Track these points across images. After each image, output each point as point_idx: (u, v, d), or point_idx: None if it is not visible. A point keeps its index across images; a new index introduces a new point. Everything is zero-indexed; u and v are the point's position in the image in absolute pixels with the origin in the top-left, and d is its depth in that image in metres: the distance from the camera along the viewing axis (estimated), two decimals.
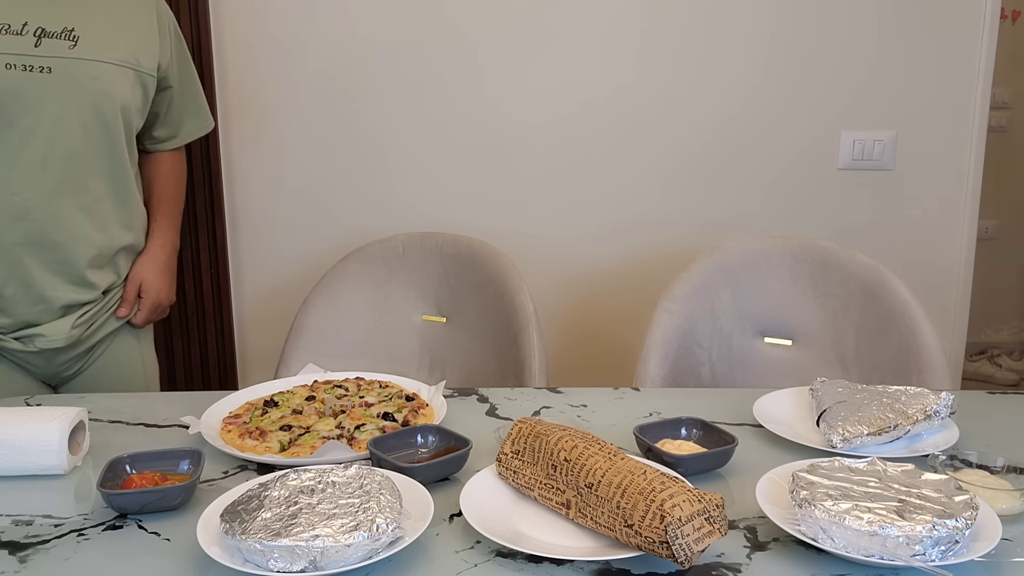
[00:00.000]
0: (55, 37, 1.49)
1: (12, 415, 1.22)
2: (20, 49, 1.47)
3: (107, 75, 1.53)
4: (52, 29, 1.49)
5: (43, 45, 1.48)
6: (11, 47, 1.46)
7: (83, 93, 1.51)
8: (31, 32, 1.48)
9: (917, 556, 0.94)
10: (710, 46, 2.35)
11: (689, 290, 1.84)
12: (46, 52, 1.48)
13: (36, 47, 1.47)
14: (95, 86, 1.52)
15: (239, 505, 0.99)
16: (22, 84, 1.47)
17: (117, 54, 1.54)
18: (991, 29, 2.30)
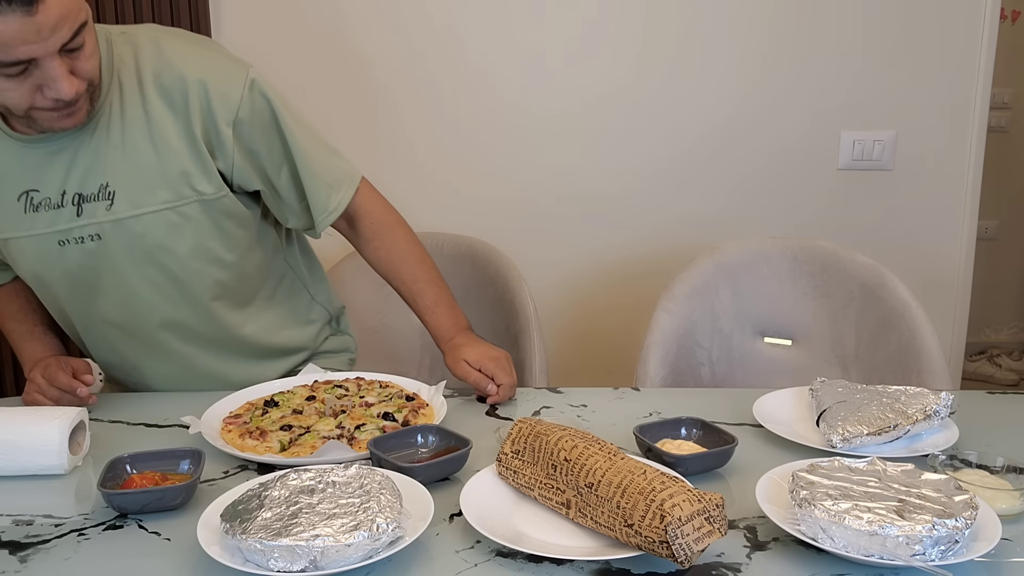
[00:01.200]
0: (93, 200, 1.34)
1: (12, 415, 1.22)
2: (65, 223, 1.35)
3: (154, 225, 1.36)
4: (89, 191, 1.34)
5: (84, 212, 1.34)
6: (56, 222, 1.35)
7: (136, 252, 1.37)
8: (70, 201, 1.34)
9: (917, 556, 0.94)
10: (710, 46, 2.35)
11: (689, 290, 1.84)
12: (88, 219, 1.35)
13: (79, 216, 1.35)
14: (144, 243, 1.37)
15: (239, 505, 0.99)
16: (83, 257, 1.37)
17: (161, 197, 1.35)
18: (991, 29, 2.30)
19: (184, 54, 1.37)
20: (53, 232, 1.36)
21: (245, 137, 1.39)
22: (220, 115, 1.36)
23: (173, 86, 1.34)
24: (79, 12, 1.18)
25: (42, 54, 1.16)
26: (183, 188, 1.36)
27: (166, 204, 1.36)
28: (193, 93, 1.34)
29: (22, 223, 1.36)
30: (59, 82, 1.19)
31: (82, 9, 1.19)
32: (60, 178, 1.34)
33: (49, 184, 1.34)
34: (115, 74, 1.34)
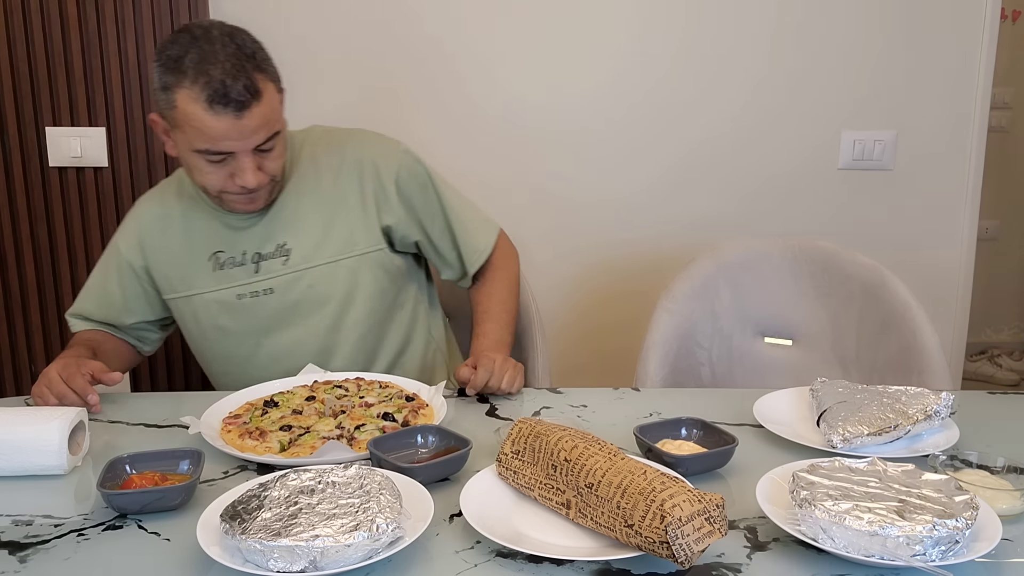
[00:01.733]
0: (270, 257, 1.58)
1: (12, 415, 1.22)
2: (245, 279, 1.58)
3: (322, 278, 1.59)
4: (267, 251, 1.58)
5: (261, 269, 1.58)
6: (238, 279, 1.58)
7: (306, 302, 1.59)
8: (251, 260, 1.58)
9: (917, 556, 0.94)
10: (710, 47, 2.35)
11: (689, 290, 1.84)
12: (265, 275, 1.58)
13: (257, 273, 1.58)
14: (312, 293, 1.58)
15: (239, 505, 0.99)
16: (256, 309, 1.59)
17: (329, 251, 1.59)
18: (991, 29, 2.30)
19: (350, 135, 1.67)
20: (234, 287, 1.58)
21: (405, 193, 1.63)
22: (385, 177, 1.61)
23: (344, 159, 1.62)
24: (275, 123, 1.46)
25: (239, 149, 1.43)
26: (345, 246, 1.59)
27: (331, 258, 1.59)
28: (363, 163, 1.61)
29: (209, 281, 1.59)
30: (247, 174, 1.45)
31: (278, 121, 1.47)
32: (242, 240, 1.58)
33: (232, 246, 1.59)
34: (292, 160, 1.61)
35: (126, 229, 1.66)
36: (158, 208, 1.65)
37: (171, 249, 1.62)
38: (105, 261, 1.67)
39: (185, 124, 1.41)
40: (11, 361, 2.50)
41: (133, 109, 2.34)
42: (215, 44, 1.39)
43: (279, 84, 1.48)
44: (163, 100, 1.42)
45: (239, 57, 1.39)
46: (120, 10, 2.29)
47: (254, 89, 1.39)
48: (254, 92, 1.39)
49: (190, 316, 1.63)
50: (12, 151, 2.37)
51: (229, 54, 1.39)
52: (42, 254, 2.43)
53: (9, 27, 2.29)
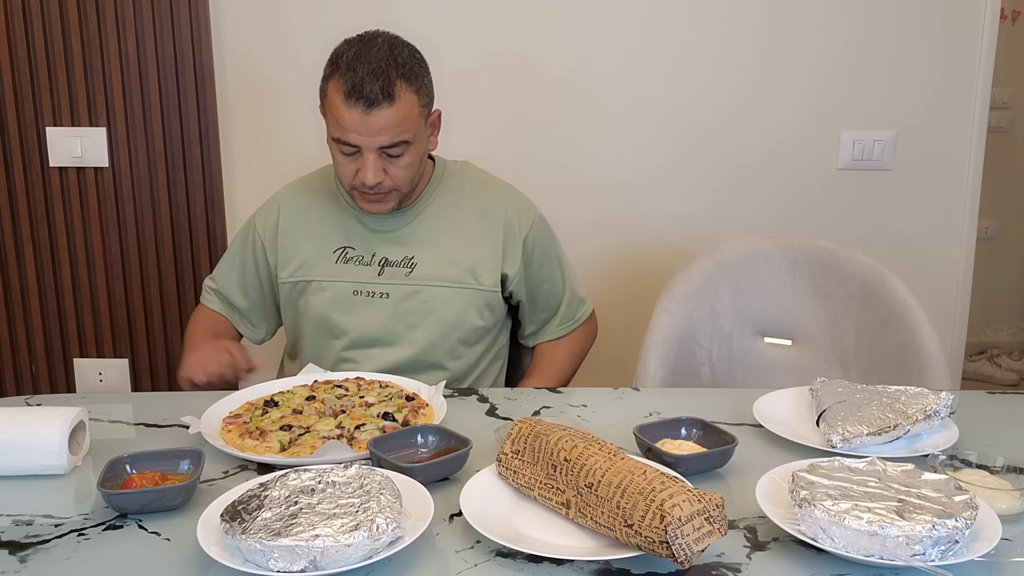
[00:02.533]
0: (395, 265, 1.68)
1: (12, 415, 1.22)
2: (367, 278, 1.68)
3: (436, 295, 1.67)
4: (394, 259, 1.68)
5: (385, 273, 1.67)
6: (360, 276, 1.68)
7: (415, 314, 1.67)
8: (377, 263, 1.68)
9: (917, 556, 0.94)
10: (709, 46, 2.35)
11: (689, 290, 1.84)
12: (387, 279, 1.67)
13: (379, 275, 1.67)
14: (424, 307, 1.67)
15: (239, 505, 0.99)
16: (366, 308, 1.67)
17: (452, 275, 1.68)
18: (991, 29, 2.30)
19: (497, 182, 1.79)
20: (354, 282, 1.68)
21: (528, 253, 1.74)
22: (518, 231, 1.73)
23: (488, 201, 1.73)
24: (404, 132, 1.54)
25: (364, 145, 1.53)
26: (468, 276, 1.69)
27: (452, 283, 1.68)
28: (503, 210, 1.73)
29: (332, 270, 1.69)
30: (367, 171, 1.55)
31: (410, 131, 1.54)
32: (373, 244, 1.68)
33: (363, 246, 1.69)
34: (442, 180, 1.73)
35: (266, 207, 1.77)
36: (300, 194, 1.76)
37: (302, 233, 1.71)
38: (242, 237, 1.78)
39: (328, 112, 1.56)
40: (11, 361, 2.50)
41: (133, 109, 2.34)
42: (373, 48, 1.53)
43: (426, 99, 1.58)
44: (322, 89, 1.58)
45: (388, 62, 1.51)
46: (120, 10, 2.29)
47: (389, 91, 1.49)
48: (388, 94, 1.49)
49: (304, 301, 1.71)
50: (12, 151, 2.37)
51: (381, 57, 1.51)
52: (42, 254, 2.43)
53: (9, 27, 2.29)
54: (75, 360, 2.50)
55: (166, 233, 2.42)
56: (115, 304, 2.46)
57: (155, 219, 2.41)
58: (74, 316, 2.46)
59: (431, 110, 1.62)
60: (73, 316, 2.46)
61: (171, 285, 2.45)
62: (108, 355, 2.50)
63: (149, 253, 2.43)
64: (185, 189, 2.39)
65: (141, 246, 2.43)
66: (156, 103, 2.34)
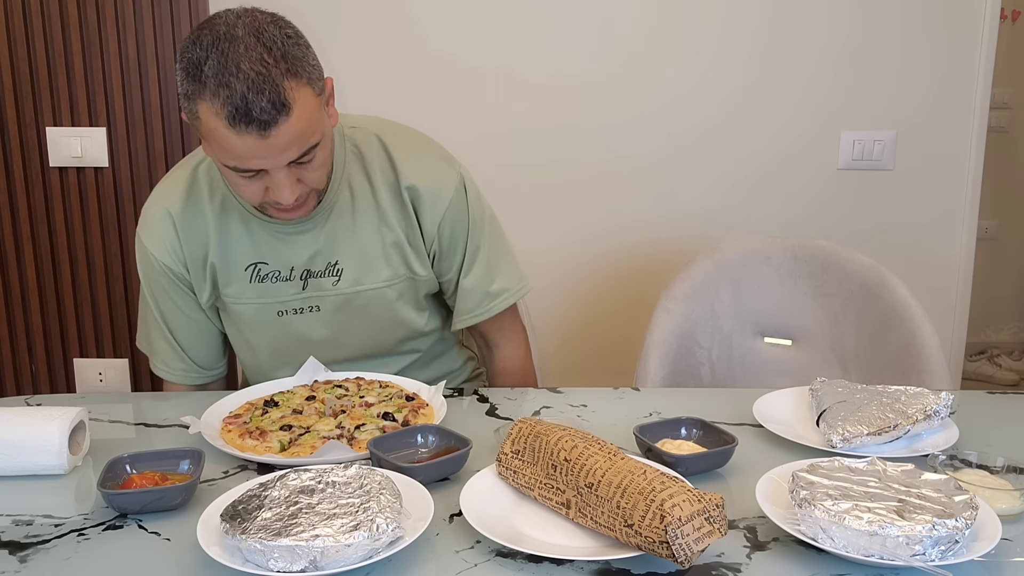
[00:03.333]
0: (319, 276, 1.49)
1: (12, 415, 1.22)
2: (289, 295, 1.50)
3: (372, 299, 1.52)
4: (317, 268, 1.49)
5: (309, 286, 1.50)
6: (279, 294, 1.50)
7: (349, 322, 1.53)
8: (298, 276, 1.49)
9: (917, 556, 0.94)
10: (709, 45, 2.35)
11: (689, 290, 1.84)
12: (312, 292, 1.50)
13: (304, 290, 1.50)
14: (362, 314, 1.53)
15: (239, 505, 0.99)
16: (296, 326, 1.52)
17: (382, 275, 1.51)
18: (991, 29, 2.30)
19: (409, 152, 1.52)
20: (275, 302, 1.50)
21: (446, 235, 1.53)
22: (431, 214, 1.50)
23: (400, 182, 1.49)
24: (311, 136, 1.28)
25: (271, 167, 1.28)
26: (400, 268, 1.52)
27: (385, 282, 1.51)
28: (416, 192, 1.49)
29: (246, 291, 1.49)
30: (282, 190, 1.31)
31: (315, 132, 1.29)
32: (288, 255, 1.48)
33: (276, 260, 1.48)
34: (346, 171, 1.49)
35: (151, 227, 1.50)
36: (183, 203, 1.48)
37: (206, 251, 1.48)
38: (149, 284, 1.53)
39: (210, 138, 1.26)
40: (11, 361, 2.50)
41: (133, 109, 2.35)
42: (239, 46, 1.20)
43: (319, 83, 1.29)
44: (187, 108, 1.27)
45: (264, 63, 1.20)
46: (120, 10, 2.29)
47: (281, 103, 1.21)
48: (281, 106, 1.21)
49: (229, 319, 1.55)
50: (12, 151, 2.37)
51: (254, 60, 1.20)
52: (42, 254, 2.43)
53: (9, 27, 2.29)
54: (75, 360, 2.50)
55: None
56: (115, 304, 2.46)
57: None
58: (74, 316, 2.46)
59: (324, 87, 1.32)
60: (73, 316, 2.46)
61: None
62: (108, 355, 2.50)
63: None
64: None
65: None
66: (156, 103, 2.34)
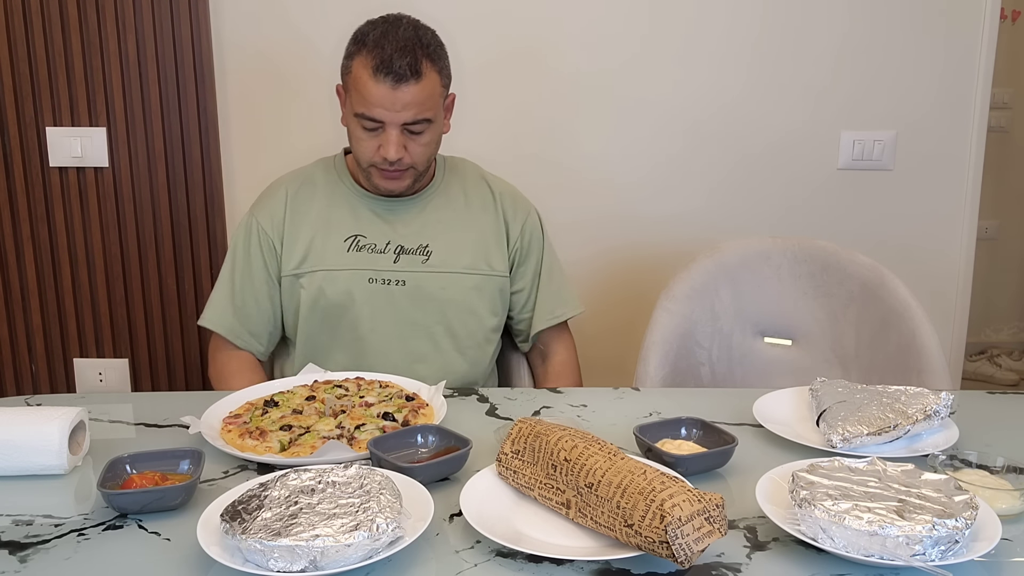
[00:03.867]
0: (411, 253, 1.69)
1: (12, 415, 1.22)
2: (382, 266, 1.68)
3: (452, 282, 1.70)
4: (409, 247, 1.69)
5: (400, 261, 1.68)
6: (374, 264, 1.68)
7: (430, 300, 1.69)
8: (392, 251, 1.68)
9: (917, 556, 0.94)
10: (710, 45, 2.35)
11: (689, 290, 1.84)
12: (403, 267, 1.68)
13: (395, 263, 1.68)
14: (441, 295, 1.69)
15: (239, 505, 0.99)
16: (383, 295, 1.68)
17: (466, 262, 1.71)
18: (991, 29, 2.30)
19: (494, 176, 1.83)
20: (369, 270, 1.68)
21: (524, 241, 1.78)
22: (516, 220, 1.77)
23: (491, 192, 1.78)
24: (428, 110, 1.58)
25: (388, 120, 1.56)
26: (480, 262, 1.73)
27: (466, 269, 1.71)
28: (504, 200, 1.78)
29: (344, 259, 1.68)
30: (391, 145, 1.57)
31: (432, 110, 1.58)
32: (387, 232, 1.69)
33: (375, 234, 1.69)
34: (446, 172, 1.77)
35: (267, 198, 1.74)
36: (302, 182, 1.74)
37: (309, 222, 1.69)
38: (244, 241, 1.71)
39: (353, 87, 1.57)
40: (11, 361, 2.50)
41: (133, 109, 2.34)
42: (399, 28, 1.56)
43: (447, 80, 1.62)
44: (345, 66, 1.60)
45: (414, 42, 1.55)
46: (120, 10, 2.29)
47: (416, 68, 1.53)
48: (415, 71, 1.53)
49: (307, 293, 1.67)
50: (12, 151, 2.37)
51: (407, 37, 1.55)
52: (42, 254, 2.43)
53: (9, 27, 2.29)
54: (75, 360, 2.50)
55: (166, 233, 2.42)
56: (115, 304, 2.46)
57: (155, 219, 2.41)
58: (74, 316, 2.46)
59: (448, 92, 1.66)
60: (73, 316, 2.46)
61: (171, 285, 2.44)
62: (108, 355, 2.50)
63: (149, 253, 2.43)
64: (185, 189, 2.39)
65: (141, 246, 2.43)
66: (156, 103, 2.34)
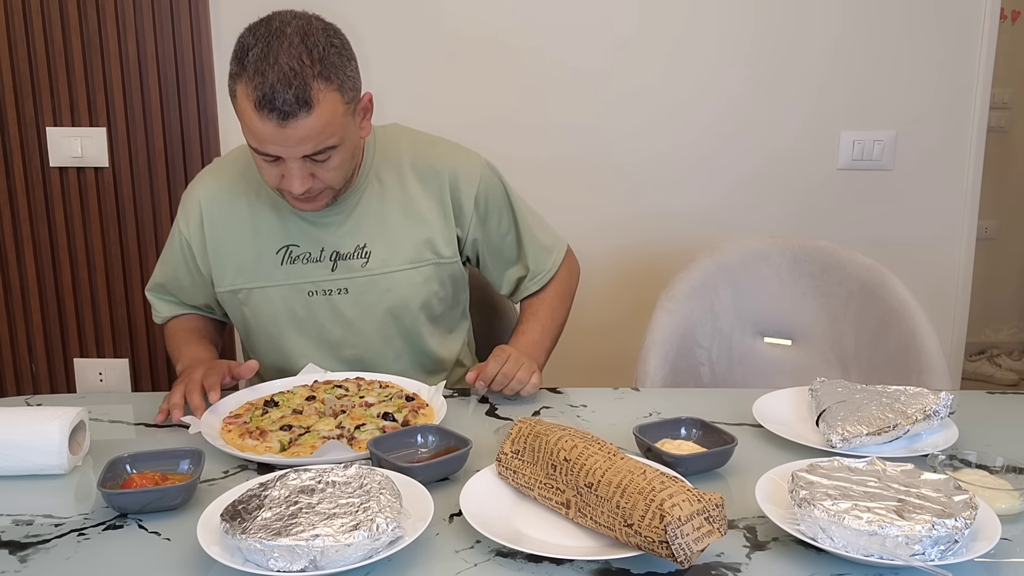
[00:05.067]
0: (349, 258, 1.56)
1: (12, 415, 1.22)
2: (320, 276, 1.56)
3: (398, 282, 1.57)
4: (346, 250, 1.56)
5: (339, 268, 1.56)
6: (312, 275, 1.56)
7: (376, 304, 1.58)
8: (328, 257, 1.56)
9: (916, 556, 0.94)
10: (709, 45, 2.35)
11: (689, 290, 1.84)
12: (342, 274, 1.56)
13: (333, 271, 1.56)
14: (387, 297, 1.58)
15: (239, 505, 0.99)
16: (325, 307, 1.57)
17: (409, 256, 1.58)
18: (991, 29, 2.30)
19: (434, 144, 1.64)
20: (306, 283, 1.56)
21: (482, 210, 1.63)
22: (466, 191, 1.60)
23: (429, 168, 1.59)
24: (328, 137, 1.38)
25: (285, 156, 1.38)
26: (425, 252, 1.59)
27: (411, 264, 1.58)
28: (446, 173, 1.59)
29: (276, 274, 1.56)
30: (292, 179, 1.40)
31: (334, 135, 1.38)
32: (319, 237, 1.55)
33: (308, 242, 1.55)
34: (374, 164, 1.58)
35: (185, 206, 1.62)
36: (220, 188, 1.59)
37: (235, 234, 1.57)
38: (170, 244, 1.65)
39: (241, 117, 1.38)
40: (11, 361, 2.50)
41: (133, 109, 2.35)
42: (283, 42, 1.32)
43: (351, 92, 1.40)
44: (230, 87, 1.39)
45: (301, 62, 1.32)
46: (120, 10, 2.29)
47: (304, 100, 1.32)
48: (304, 103, 1.32)
49: (248, 310, 1.60)
50: (13, 151, 2.37)
51: (292, 57, 1.32)
52: (42, 254, 2.43)
53: (9, 27, 2.29)
54: (75, 360, 2.51)
55: (166, 233, 2.40)
56: (115, 304, 2.46)
57: (155, 219, 2.41)
58: (74, 316, 2.46)
59: (359, 99, 1.44)
60: (73, 316, 2.46)
61: None
62: (108, 355, 2.50)
63: (149, 253, 2.43)
64: (185, 189, 2.39)
65: (141, 246, 2.43)
66: (156, 103, 2.35)
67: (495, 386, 1.45)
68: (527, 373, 1.47)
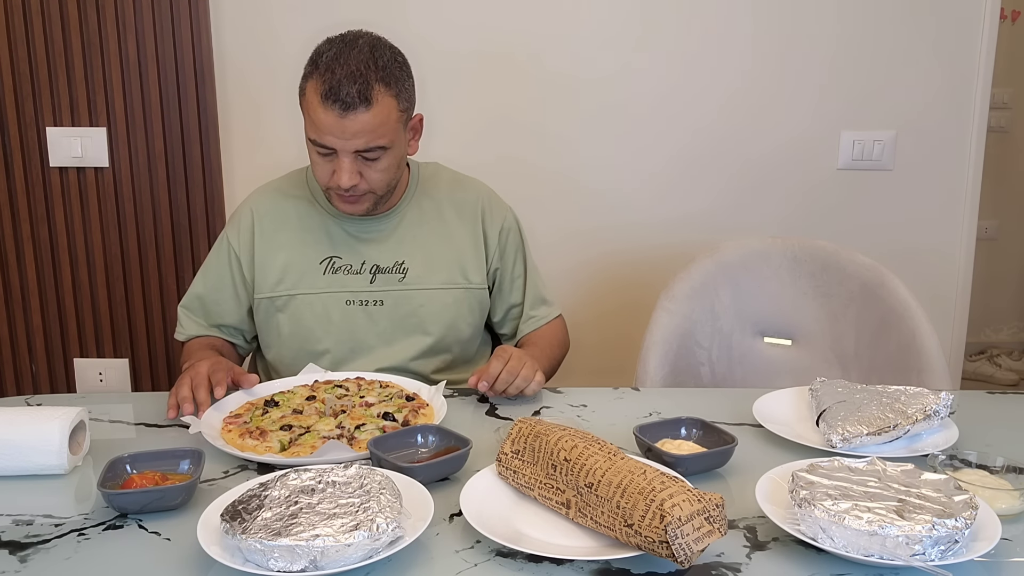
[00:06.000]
0: (387, 272, 1.66)
1: (12, 415, 1.22)
2: (358, 287, 1.65)
3: (431, 299, 1.67)
4: (385, 265, 1.66)
5: (377, 280, 1.65)
6: (351, 285, 1.65)
7: (408, 318, 1.67)
8: (368, 271, 1.65)
9: (917, 556, 0.94)
10: (709, 45, 2.35)
11: (689, 290, 1.84)
12: (380, 287, 1.65)
13: (371, 283, 1.65)
14: (420, 312, 1.67)
15: (239, 505, 0.99)
16: (360, 317, 1.65)
17: (443, 278, 1.68)
18: (991, 29, 2.30)
19: (470, 180, 1.79)
20: (346, 292, 1.65)
21: (503, 245, 1.75)
22: (492, 225, 1.74)
23: (467, 199, 1.74)
24: (381, 137, 1.50)
25: (339, 148, 1.49)
26: (457, 276, 1.70)
27: (443, 284, 1.68)
28: (480, 206, 1.74)
29: (318, 282, 1.65)
30: (343, 173, 1.51)
31: (386, 137, 1.50)
32: (361, 251, 1.66)
33: (350, 255, 1.66)
34: (419, 184, 1.72)
35: (238, 217, 1.71)
36: (274, 201, 1.70)
37: (282, 243, 1.66)
38: (216, 256, 1.70)
39: (306, 111, 1.51)
40: (11, 361, 2.50)
41: (133, 109, 2.35)
42: (354, 49, 1.49)
43: (405, 103, 1.54)
44: (301, 87, 1.53)
45: (367, 65, 1.47)
46: (120, 10, 2.29)
47: (366, 96, 1.46)
48: (364, 98, 1.46)
49: (285, 316, 1.65)
50: (13, 151, 2.37)
51: (360, 59, 1.47)
52: (42, 254, 2.43)
53: (9, 27, 2.29)
54: (75, 360, 2.50)
55: (166, 233, 2.42)
56: (115, 304, 2.46)
57: (155, 219, 2.41)
58: (74, 316, 2.46)
59: (411, 115, 1.58)
60: (73, 316, 2.46)
61: (171, 285, 2.45)
62: (108, 355, 2.50)
63: (149, 253, 2.43)
64: (185, 189, 2.39)
65: (141, 246, 2.43)
66: (156, 103, 2.35)
67: (499, 386, 1.45)
68: (531, 371, 1.47)
